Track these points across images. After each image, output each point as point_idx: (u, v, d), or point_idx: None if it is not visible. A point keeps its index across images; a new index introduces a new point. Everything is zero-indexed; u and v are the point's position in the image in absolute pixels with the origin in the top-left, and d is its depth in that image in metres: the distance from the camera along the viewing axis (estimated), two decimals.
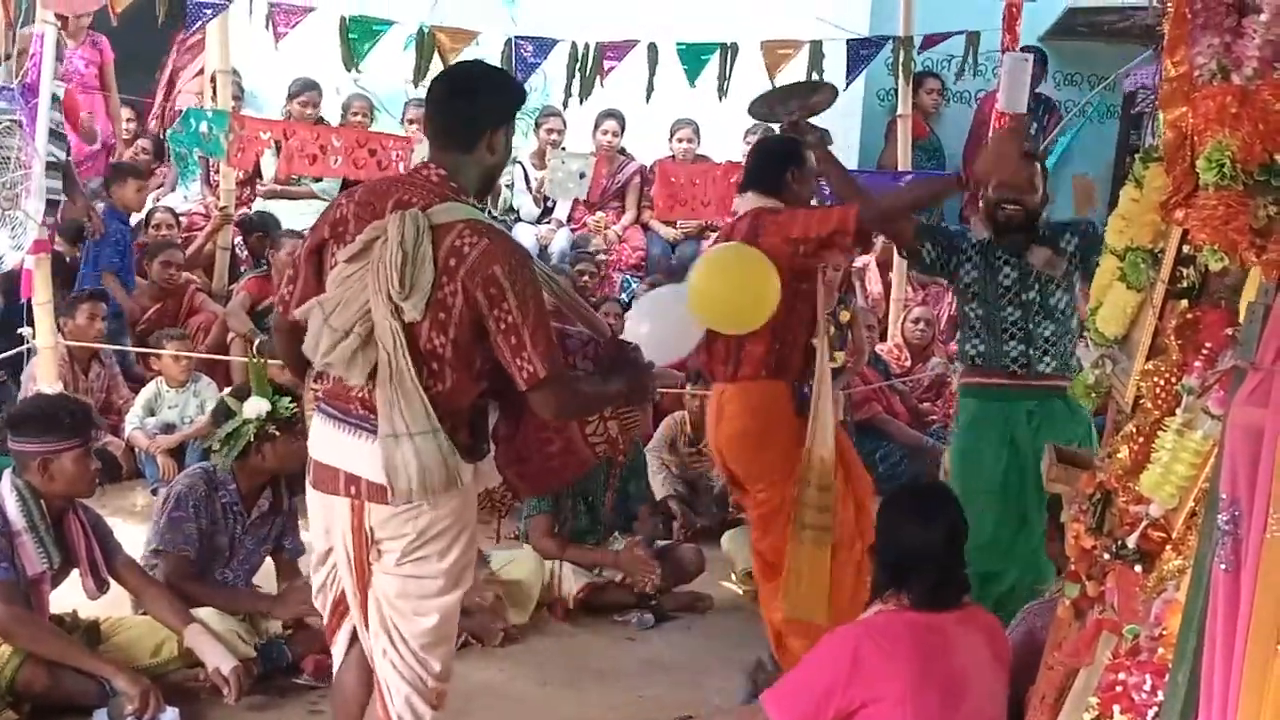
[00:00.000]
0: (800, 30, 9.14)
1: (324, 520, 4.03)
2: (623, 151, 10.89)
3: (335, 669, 4.28)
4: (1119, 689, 2.99)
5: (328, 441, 3.94)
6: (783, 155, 5.53)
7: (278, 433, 5.68)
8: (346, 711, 4.25)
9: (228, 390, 6.32)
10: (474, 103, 3.92)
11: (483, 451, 3.98)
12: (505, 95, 4.01)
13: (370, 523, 3.88)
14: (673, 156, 10.54)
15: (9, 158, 6.88)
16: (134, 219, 9.64)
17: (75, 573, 5.30)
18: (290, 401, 5.73)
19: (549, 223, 10.61)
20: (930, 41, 9.05)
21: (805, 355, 5.37)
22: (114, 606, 5.56)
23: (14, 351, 8.01)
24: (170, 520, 5.61)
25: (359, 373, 3.72)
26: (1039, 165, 5.92)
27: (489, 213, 4.00)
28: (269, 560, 5.97)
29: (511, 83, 4.20)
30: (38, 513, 5.08)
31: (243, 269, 9.82)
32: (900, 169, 9.78)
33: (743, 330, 5.23)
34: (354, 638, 4.15)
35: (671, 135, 10.63)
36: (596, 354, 4.20)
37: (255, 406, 5.64)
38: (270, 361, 7.89)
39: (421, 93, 10.14)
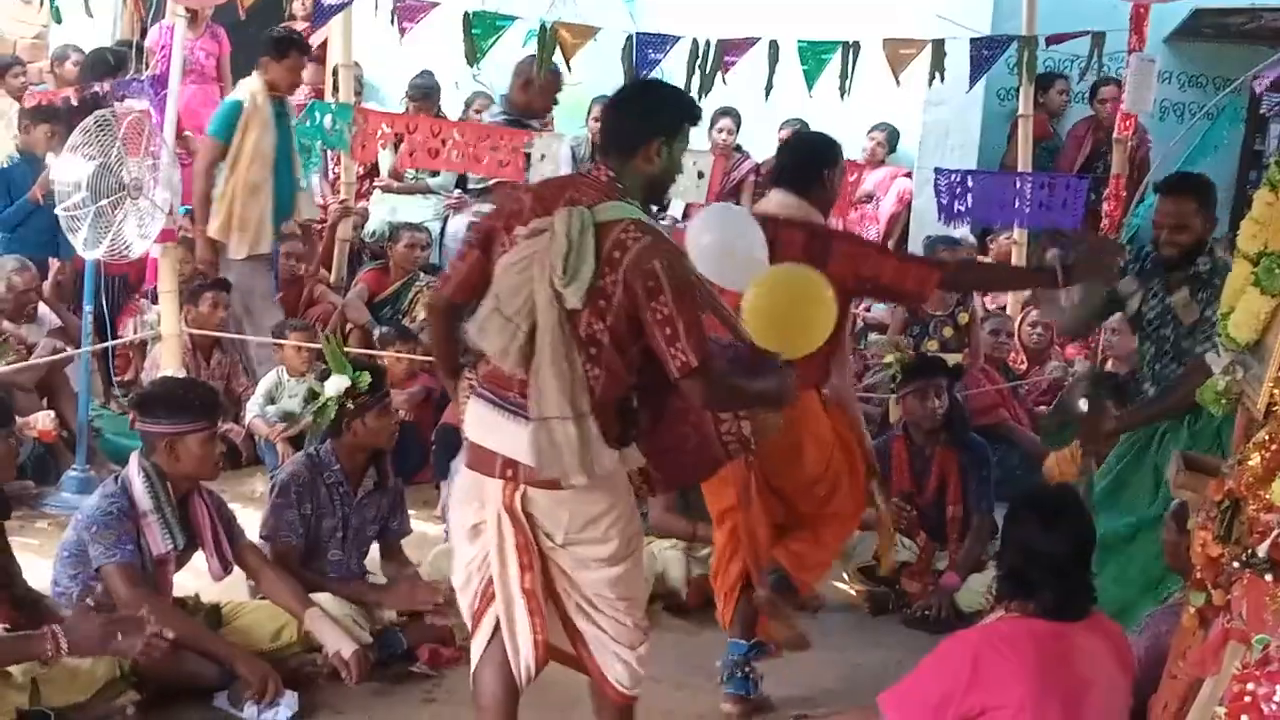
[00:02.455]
0: (922, 29, 9.07)
1: (476, 500, 4.19)
2: (738, 149, 10.90)
3: (475, 661, 4.31)
4: (1248, 699, 2.96)
5: (485, 424, 4.12)
6: (822, 153, 5.43)
7: (361, 407, 5.73)
8: (488, 710, 4.30)
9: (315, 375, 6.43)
10: (636, 114, 4.18)
11: (630, 438, 4.12)
12: (667, 110, 4.20)
13: (528, 506, 4.07)
14: None
15: (140, 148, 7.00)
16: None
17: (198, 555, 5.40)
18: (370, 376, 5.79)
19: (664, 220, 10.63)
20: (1062, 46, 8.87)
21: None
22: (232, 591, 5.63)
23: (139, 337, 8.17)
24: (273, 509, 5.71)
25: (514, 360, 3.91)
26: (1193, 200, 5.75)
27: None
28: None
29: (677, 100, 4.34)
30: (164, 494, 5.18)
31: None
32: (1021, 169, 9.68)
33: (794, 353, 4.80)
34: (496, 628, 4.21)
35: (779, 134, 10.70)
36: (735, 359, 4.31)
37: (335, 384, 5.71)
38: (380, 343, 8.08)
39: None
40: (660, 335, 3.89)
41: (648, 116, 4.14)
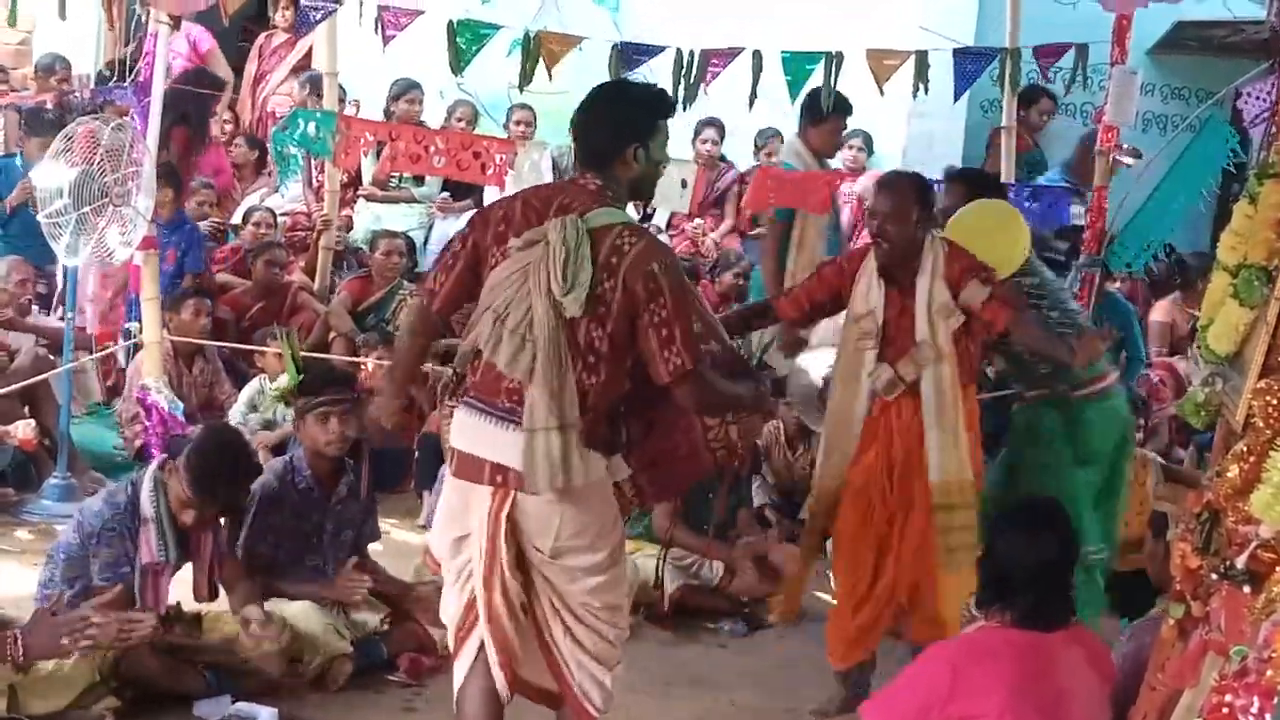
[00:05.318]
0: (905, 40, 9.08)
1: (462, 508, 4.17)
2: (722, 159, 10.92)
3: (460, 679, 4.28)
4: (1225, 711, 2.96)
5: (473, 432, 4.11)
6: None
7: (299, 411, 5.73)
8: None
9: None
10: (607, 125, 4.18)
11: (619, 445, 4.16)
12: (641, 112, 4.21)
13: (516, 513, 4.05)
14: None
15: (121, 155, 6.97)
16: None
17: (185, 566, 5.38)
18: (299, 378, 5.76)
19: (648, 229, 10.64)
20: (1045, 59, 8.86)
21: None
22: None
23: (121, 345, 8.14)
24: (248, 521, 5.68)
25: (524, 370, 3.92)
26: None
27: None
28: None
29: (646, 101, 4.29)
30: (166, 509, 5.20)
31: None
32: (1004, 181, 9.68)
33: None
34: (482, 645, 4.19)
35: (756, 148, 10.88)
36: (714, 362, 4.37)
37: (280, 382, 5.69)
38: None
39: (526, 98, 10.30)
40: (656, 338, 3.95)
41: (620, 126, 4.15)
